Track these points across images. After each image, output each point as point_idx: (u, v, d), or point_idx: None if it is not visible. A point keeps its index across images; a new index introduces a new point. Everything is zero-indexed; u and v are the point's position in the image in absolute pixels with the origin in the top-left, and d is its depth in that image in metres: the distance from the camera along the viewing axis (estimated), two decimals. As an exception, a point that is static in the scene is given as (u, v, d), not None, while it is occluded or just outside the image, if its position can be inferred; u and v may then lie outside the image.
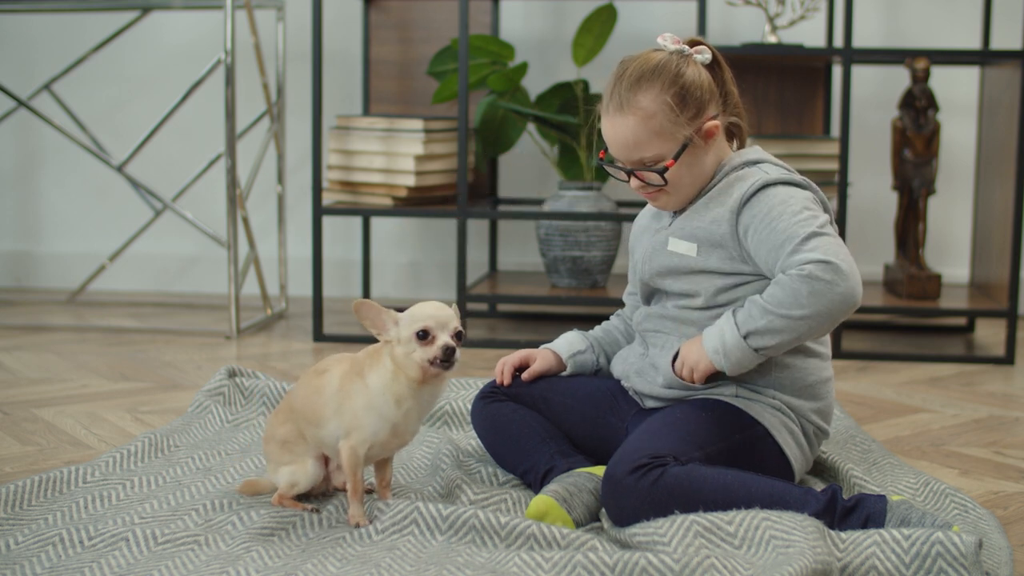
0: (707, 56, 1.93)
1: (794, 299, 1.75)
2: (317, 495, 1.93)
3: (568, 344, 2.14)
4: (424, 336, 1.76)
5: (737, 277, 1.88)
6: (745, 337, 1.80)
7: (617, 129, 1.90)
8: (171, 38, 4.15)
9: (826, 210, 1.90)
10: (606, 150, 1.96)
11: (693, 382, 1.89)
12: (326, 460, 1.91)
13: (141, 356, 3.17)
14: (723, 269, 1.89)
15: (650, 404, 1.97)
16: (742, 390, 1.90)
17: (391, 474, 1.92)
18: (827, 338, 1.97)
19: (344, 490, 1.91)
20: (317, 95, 3.32)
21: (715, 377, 1.90)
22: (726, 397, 1.90)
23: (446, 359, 1.75)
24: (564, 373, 2.12)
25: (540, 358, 2.12)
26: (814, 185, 1.93)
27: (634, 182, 1.94)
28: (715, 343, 1.83)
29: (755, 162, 1.94)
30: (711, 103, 1.91)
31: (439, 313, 1.78)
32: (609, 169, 1.97)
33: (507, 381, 2.10)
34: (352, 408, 1.80)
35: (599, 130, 1.95)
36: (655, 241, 1.99)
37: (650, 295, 2.02)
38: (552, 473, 1.94)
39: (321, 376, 1.85)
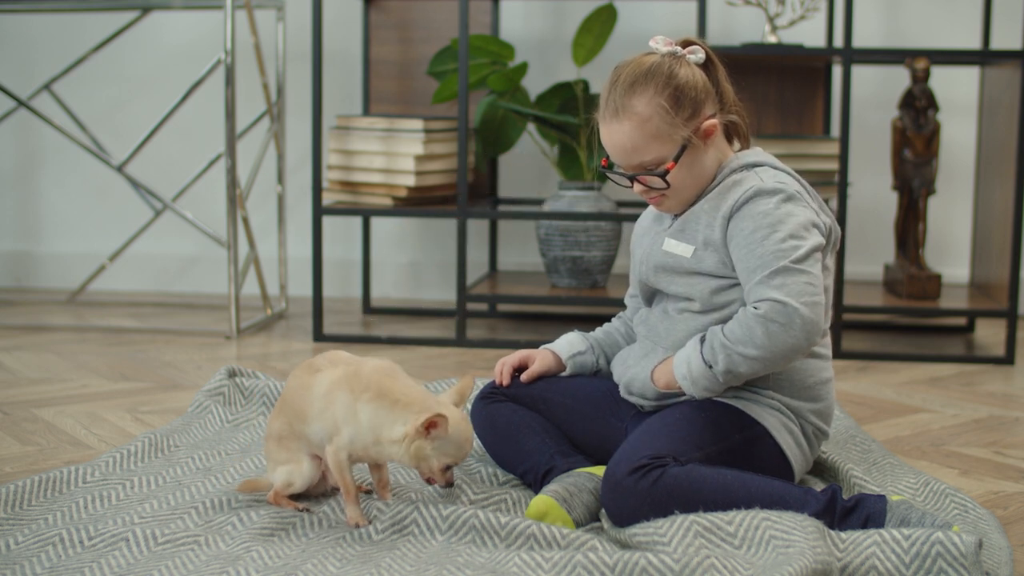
0: (700, 56, 1.93)
1: (749, 338, 1.78)
2: (316, 496, 1.93)
3: (568, 345, 2.14)
4: (446, 470, 1.79)
5: (731, 280, 1.89)
6: (709, 367, 1.83)
7: (615, 135, 1.90)
8: (171, 38, 4.15)
9: (819, 228, 1.88)
10: (608, 157, 1.96)
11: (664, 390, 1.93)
12: (319, 458, 1.91)
13: (141, 356, 3.17)
14: (717, 272, 1.89)
15: (649, 407, 1.97)
16: (742, 390, 1.90)
17: (387, 474, 1.92)
18: (828, 339, 1.97)
19: (338, 490, 1.91)
20: (317, 95, 3.32)
21: (671, 389, 1.93)
22: (726, 398, 1.90)
23: (445, 486, 1.80)
24: (564, 374, 2.12)
25: (539, 359, 2.12)
26: (811, 190, 1.93)
27: (637, 187, 1.93)
28: (683, 370, 1.86)
29: (753, 165, 1.93)
30: (707, 102, 1.91)
31: (468, 450, 1.79)
32: (611, 176, 1.97)
33: (506, 382, 2.10)
34: (333, 416, 1.80)
35: (599, 137, 1.95)
36: (655, 243, 1.99)
37: (651, 296, 2.03)
38: (552, 473, 1.94)
39: (313, 375, 1.84)
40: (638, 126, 1.87)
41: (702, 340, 1.85)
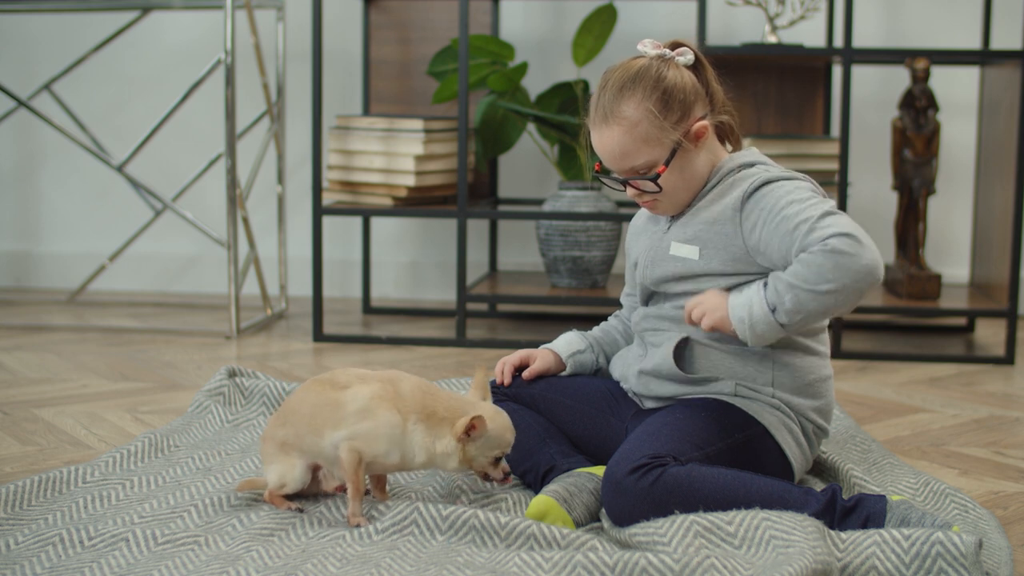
0: (689, 58, 1.93)
1: (819, 274, 1.73)
2: (311, 495, 1.93)
3: (567, 344, 2.14)
4: (497, 461, 1.87)
5: (740, 277, 1.88)
6: (772, 311, 1.78)
7: (604, 140, 1.90)
8: (171, 38, 4.15)
9: None
10: (601, 162, 1.96)
11: (697, 324, 1.86)
12: (315, 466, 1.91)
13: (141, 356, 3.17)
14: (726, 271, 1.88)
15: (649, 405, 1.97)
16: (741, 389, 1.90)
17: (386, 478, 1.92)
18: (825, 336, 1.97)
19: (335, 493, 1.91)
20: (317, 95, 3.32)
21: (719, 331, 1.85)
22: (725, 396, 1.90)
23: (503, 479, 1.88)
24: (564, 373, 2.12)
25: (540, 358, 2.12)
26: (813, 181, 1.93)
27: (630, 191, 1.93)
28: (742, 313, 1.81)
29: (751, 164, 1.93)
30: (697, 104, 1.91)
31: (511, 438, 1.87)
32: (605, 180, 1.97)
33: (507, 381, 2.10)
34: (374, 429, 1.80)
35: (590, 142, 1.96)
36: (657, 248, 1.98)
37: (648, 297, 2.02)
38: (552, 473, 1.94)
39: (340, 391, 1.84)
40: (627, 131, 1.87)
41: (764, 286, 1.81)
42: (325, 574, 1.63)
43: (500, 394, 2.09)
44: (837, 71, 3.65)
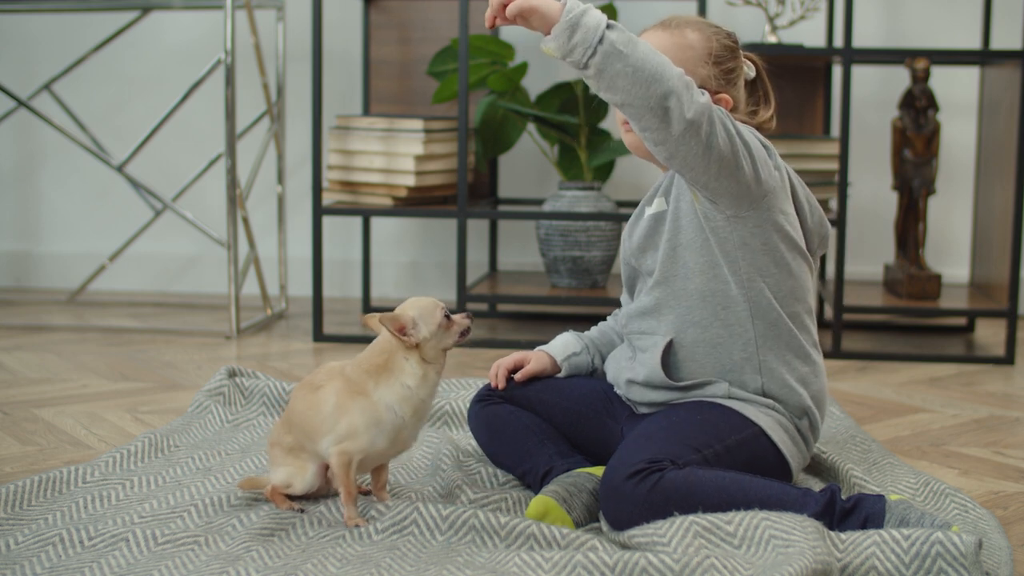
0: (751, 71, 2.00)
1: (670, 66, 1.72)
2: (315, 498, 1.93)
3: (563, 346, 2.13)
4: (448, 318, 1.86)
5: (700, 235, 1.87)
6: (609, 26, 1.72)
7: (649, 39, 1.93)
8: (171, 38, 4.15)
9: (779, 170, 1.88)
10: None
11: (500, 7, 1.76)
12: (326, 467, 1.91)
13: (141, 356, 3.17)
14: (694, 212, 1.88)
15: (643, 410, 1.97)
16: (735, 390, 1.90)
17: (387, 476, 1.92)
18: (812, 325, 1.95)
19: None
20: (317, 95, 3.32)
21: (526, 18, 1.73)
22: (719, 399, 1.90)
23: (467, 329, 1.89)
24: (560, 375, 2.12)
25: (534, 360, 2.11)
26: (802, 183, 1.95)
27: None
28: (581, 7, 1.73)
29: None
30: (735, 91, 1.95)
31: (435, 299, 1.89)
32: None
33: (501, 385, 2.08)
34: (351, 423, 1.81)
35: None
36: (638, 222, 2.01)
37: (634, 283, 2.02)
38: (551, 474, 1.94)
39: (316, 392, 1.85)
40: (677, 44, 1.91)
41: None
42: (325, 574, 1.63)
43: (496, 396, 2.08)
44: (837, 71, 3.65)
